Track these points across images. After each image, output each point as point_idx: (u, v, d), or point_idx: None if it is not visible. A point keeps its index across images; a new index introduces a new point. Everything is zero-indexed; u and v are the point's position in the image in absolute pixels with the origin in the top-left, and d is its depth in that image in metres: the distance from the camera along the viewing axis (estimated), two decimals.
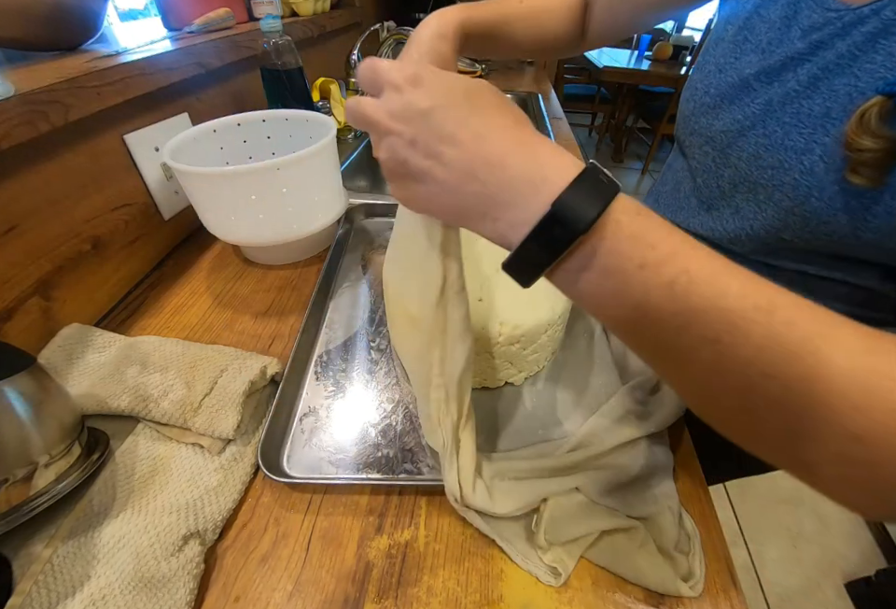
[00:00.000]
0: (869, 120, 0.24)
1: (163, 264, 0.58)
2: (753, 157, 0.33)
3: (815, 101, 0.29)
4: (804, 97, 0.30)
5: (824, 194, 0.29)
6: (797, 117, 0.30)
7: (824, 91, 0.29)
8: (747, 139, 0.34)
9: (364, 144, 0.98)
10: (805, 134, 0.30)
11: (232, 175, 0.45)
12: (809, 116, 0.30)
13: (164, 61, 0.52)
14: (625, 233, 0.18)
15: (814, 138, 0.29)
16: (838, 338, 0.17)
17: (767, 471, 0.55)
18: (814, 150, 0.29)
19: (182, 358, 0.39)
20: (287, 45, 0.67)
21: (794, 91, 0.31)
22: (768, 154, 0.32)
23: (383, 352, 0.45)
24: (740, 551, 1.17)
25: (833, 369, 0.16)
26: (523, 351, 0.39)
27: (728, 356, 0.17)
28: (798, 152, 0.30)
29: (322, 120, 0.55)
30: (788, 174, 0.31)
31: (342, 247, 0.60)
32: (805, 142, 0.30)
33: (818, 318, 0.17)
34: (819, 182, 0.29)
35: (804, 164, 0.30)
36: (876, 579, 1.06)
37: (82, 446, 0.32)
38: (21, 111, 0.36)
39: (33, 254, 0.41)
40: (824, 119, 0.29)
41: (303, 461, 0.36)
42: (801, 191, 0.30)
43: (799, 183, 0.30)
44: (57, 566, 0.27)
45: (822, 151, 0.29)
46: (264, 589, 0.29)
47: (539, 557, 0.30)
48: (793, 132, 0.30)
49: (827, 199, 0.29)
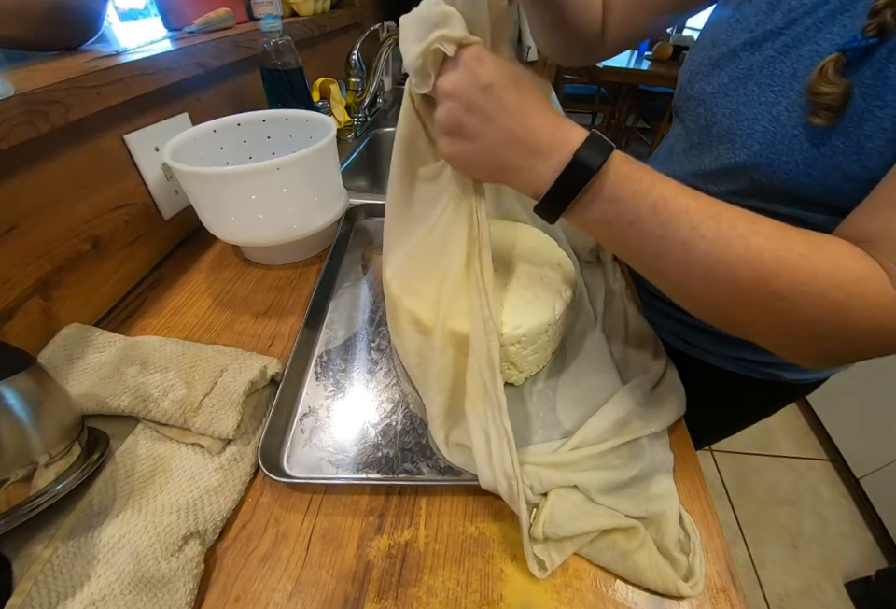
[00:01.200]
0: (827, 71, 0.31)
1: (163, 264, 0.58)
2: (734, 112, 0.39)
3: (785, 64, 0.36)
4: (777, 62, 0.36)
5: (785, 137, 0.35)
6: (771, 78, 0.37)
7: (793, 56, 0.35)
8: (730, 98, 0.40)
9: (364, 144, 0.98)
10: (775, 91, 0.36)
11: (232, 175, 0.45)
12: (781, 76, 0.36)
13: (164, 61, 0.52)
14: (621, 173, 0.28)
15: (782, 94, 0.36)
16: (761, 230, 0.26)
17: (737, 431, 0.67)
18: (780, 103, 0.36)
19: (182, 358, 0.39)
20: (287, 45, 0.67)
21: (770, 57, 0.37)
22: (746, 109, 0.38)
23: (383, 352, 0.45)
24: (740, 551, 1.17)
25: (758, 250, 0.25)
26: (523, 351, 0.39)
27: (692, 250, 0.27)
28: (769, 105, 0.36)
29: (322, 120, 0.55)
30: (759, 123, 0.37)
31: (342, 247, 0.60)
32: (775, 97, 0.36)
33: (749, 219, 0.27)
34: (782, 127, 0.35)
35: (772, 114, 0.36)
36: (876, 579, 1.06)
37: (82, 446, 0.32)
38: (21, 111, 0.36)
39: (33, 254, 0.41)
40: (791, 78, 0.35)
41: (303, 461, 0.36)
42: (768, 136, 0.36)
43: (767, 130, 0.36)
44: (57, 566, 0.27)
45: (787, 103, 0.35)
46: (264, 589, 0.29)
47: (532, 546, 0.30)
48: (767, 90, 0.37)
49: (787, 141, 0.35)
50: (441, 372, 0.36)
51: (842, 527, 1.23)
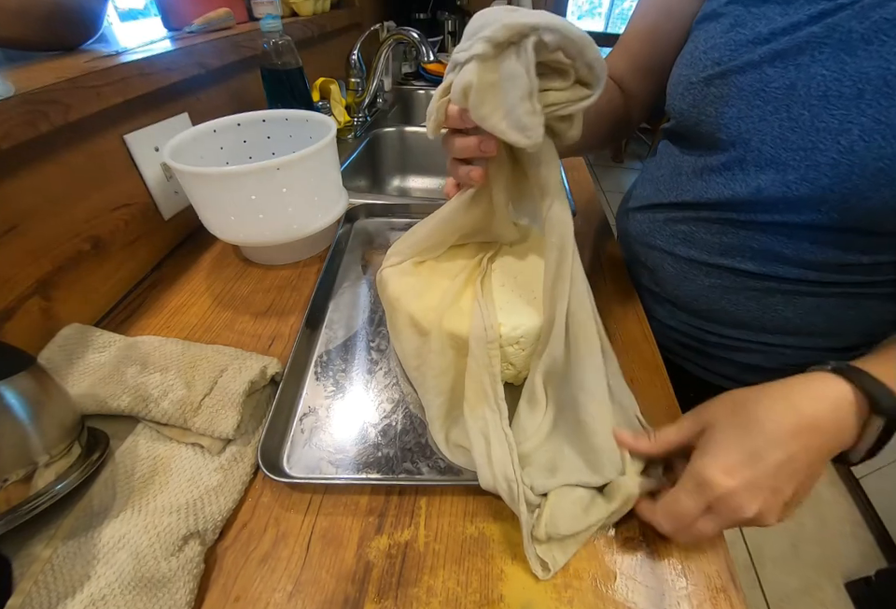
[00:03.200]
0: None
1: (163, 264, 0.58)
2: (780, 139, 0.34)
3: (844, 83, 0.30)
4: (830, 80, 0.31)
5: (866, 171, 0.30)
6: (825, 99, 0.31)
7: (853, 74, 0.30)
8: (769, 124, 0.34)
9: (364, 144, 0.98)
10: (837, 116, 0.31)
11: (232, 175, 0.45)
12: (840, 97, 0.31)
13: (164, 61, 0.52)
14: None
15: (849, 119, 0.30)
16: None
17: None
18: (851, 131, 0.30)
19: (182, 358, 0.39)
20: (287, 45, 0.67)
21: (821, 75, 0.31)
22: (797, 136, 0.33)
23: (383, 352, 0.45)
24: (740, 551, 1.17)
25: None
26: (522, 352, 0.39)
27: None
28: (833, 134, 0.31)
29: (322, 120, 0.55)
30: (823, 154, 0.32)
31: (342, 247, 0.60)
32: (839, 123, 0.31)
33: None
34: (860, 159, 0.30)
35: (841, 144, 0.31)
36: (876, 579, 1.06)
37: (82, 446, 0.32)
38: (21, 111, 0.36)
39: (33, 254, 0.41)
40: (857, 100, 0.30)
41: (303, 461, 0.36)
42: (841, 170, 0.31)
43: (839, 162, 0.31)
44: (57, 566, 0.27)
45: (861, 130, 0.30)
46: (264, 589, 0.29)
47: (535, 547, 0.30)
48: (824, 113, 0.32)
49: (870, 176, 0.30)
50: (440, 374, 0.37)
51: (842, 527, 1.23)
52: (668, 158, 0.48)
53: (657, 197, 0.49)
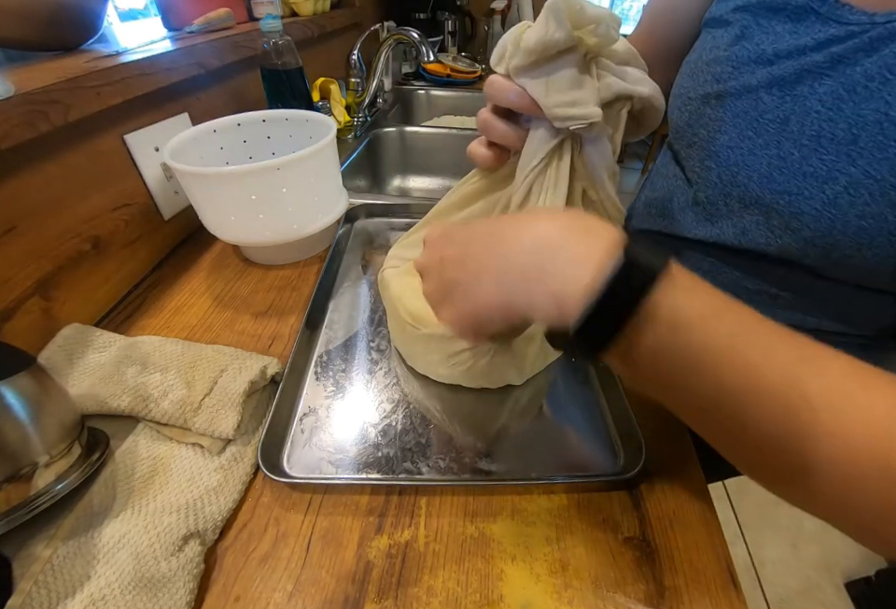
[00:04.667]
0: None
1: (163, 264, 0.58)
2: (765, 178, 0.31)
3: (839, 125, 0.27)
4: (825, 119, 0.28)
5: (848, 228, 0.27)
6: (817, 140, 0.28)
7: (850, 114, 0.27)
8: (757, 159, 0.31)
9: (364, 144, 0.98)
10: (826, 162, 0.27)
11: (232, 175, 0.45)
12: (832, 141, 0.27)
13: (164, 61, 0.52)
14: (683, 286, 0.18)
15: (837, 167, 0.27)
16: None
17: None
18: (838, 180, 0.27)
19: (182, 358, 0.39)
20: (287, 45, 0.67)
21: (816, 111, 0.28)
22: (783, 178, 0.30)
23: (383, 352, 0.45)
24: (740, 551, 1.17)
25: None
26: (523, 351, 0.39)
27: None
28: (819, 180, 0.28)
29: (322, 120, 0.55)
30: (808, 203, 0.28)
31: (342, 247, 0.60)
32: (827, 169, 0.27)
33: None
34: (842, 214, 0.27)
35: (826, 194, 0.27)
36: (876, 579, 1.06)
37: (82, 446, 0.32)
38: (20, 111, 0.36)
39: (33, 254, 0.41)
40: (850, 146, 0.26)
41: (303, 461, 0.36)
42: (823, 224, 0.28)
43: (822, 214, 0.28)
44: (57, 566, 0.27)
45: (848, 182, 0.26)
46: (264, 589, 0.29)
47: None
48: (813, 157, 0.28)
49: (852, 234, 0.27)
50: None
51: None
52: (664, 179, 0.46)
53: (647, 223, 0.48)
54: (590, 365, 0.43)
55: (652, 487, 0.35)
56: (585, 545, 0.31)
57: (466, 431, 0.38)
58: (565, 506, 0.33)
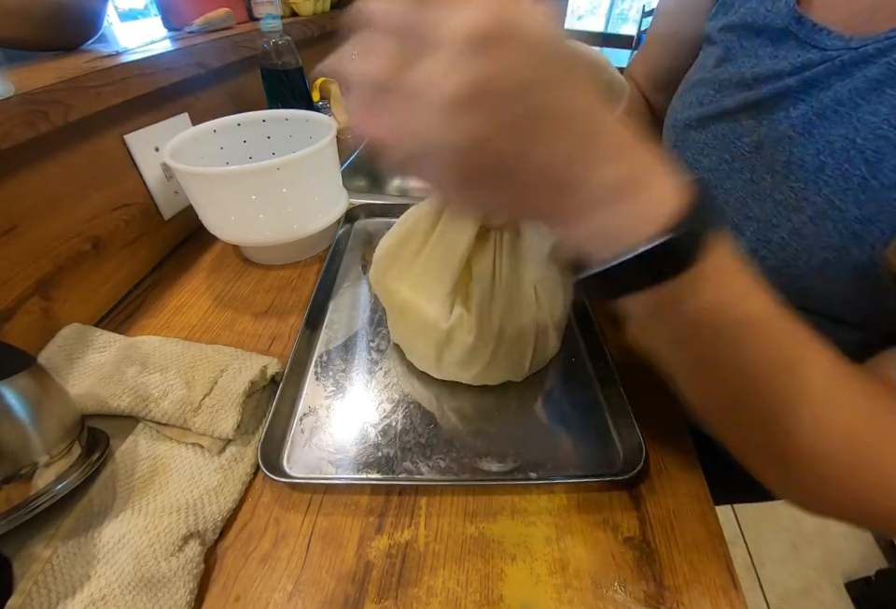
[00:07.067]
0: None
1: (163, 264, 0.58)
2: (740, 202, 0.30)
3: (808, 150, 0.26)
4: (796, 144, 0.27)
5: (812, 260, 0.25)
6: (787, 166, 0.27)
7: (819, 140, 0.25)
8: (733, 181, 0.31)
9: (364, 144, 0.98)
10: (796, 189, 0.26)
11: (232, 175, 0.45)
12: (801, 167, 0.26)
13: (164, 61, 0.52)
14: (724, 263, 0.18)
15: (805, 195, 0.26)
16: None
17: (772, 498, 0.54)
18: (804, 209, 0.26)
19: (182, 358, 0.39)
20: (287, 45, 0.67)
21: (788, 136, 0.27)
22: (755, 204, 0.29)
23: (383, 352, 0.45)
24: (740, 551, 1.17)
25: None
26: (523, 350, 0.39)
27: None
28: (788, 210, 0.27)
29: (322, 120, 0.55)
30: (776, 231, 0.27)
31: (342, 247, 0.60)
32: (795, 198, 0.26)
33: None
34: (807, 246, 0.26)
35: (793, 223, 0.26)
36: (876, 579, 1.06)
37: (82, 446, 0.32)
38: (20, 111, 0.36)
39: (33, 254, 0.41)
40: (817, 174, 0.25)
41: (303, 461, 0.36)
42: (788, 253, 0.27)
43: (787, 244, 0.27)
44: (57, 566, 0.27)
45: (813, 212, 0.25)
46: (264, 589, 0.29)
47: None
48: (783, 184, 0.27)
49: (816, 266, 0.25)
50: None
51: (842, 527, 1.23)
52: None
53: None
54: (589, 362, 0.43)
55: (652, 487, 0.35)
56: (585, 545, 0.31)
57: (466, 432, 0.38)
58: (564, 506, 0.33)
